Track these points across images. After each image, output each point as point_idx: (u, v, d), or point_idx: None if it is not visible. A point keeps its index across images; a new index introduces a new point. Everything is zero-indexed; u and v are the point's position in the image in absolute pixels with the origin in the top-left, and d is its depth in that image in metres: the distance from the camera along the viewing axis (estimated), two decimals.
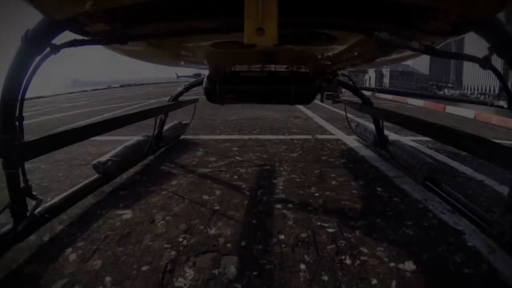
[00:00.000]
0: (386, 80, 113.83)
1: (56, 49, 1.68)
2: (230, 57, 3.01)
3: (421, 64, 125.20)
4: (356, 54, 2.60)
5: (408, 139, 5.22)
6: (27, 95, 1.78)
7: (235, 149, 4.48)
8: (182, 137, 5.14)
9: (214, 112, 8.49)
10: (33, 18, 1.62)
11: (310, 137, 5.40)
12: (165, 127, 4.43)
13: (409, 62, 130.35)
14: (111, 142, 4.48)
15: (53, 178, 3.25)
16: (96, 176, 2.86)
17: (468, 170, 3.59)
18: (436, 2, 1.36)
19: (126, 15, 1.61)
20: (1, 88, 1.70)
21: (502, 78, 1.68)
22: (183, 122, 5.23)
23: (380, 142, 4.08)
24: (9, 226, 1.83)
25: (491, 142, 1.69)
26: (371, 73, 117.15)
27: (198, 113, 6.66)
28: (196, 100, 5.09)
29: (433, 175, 2.86)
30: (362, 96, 3.96)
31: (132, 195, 2.74)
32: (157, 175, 3.32)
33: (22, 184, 1.85)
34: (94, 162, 2.95)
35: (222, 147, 4.66)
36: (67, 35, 1.71)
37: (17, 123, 1.74)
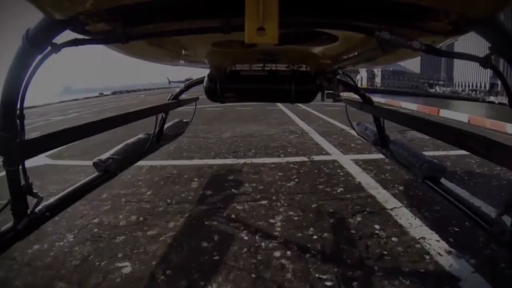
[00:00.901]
0: (377, 80, 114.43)
1: (57, 48, 1.68)
2: (230, 56, 3.03)
3: (412, 62, 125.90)
4: (357, 53, 2.60)
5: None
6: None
7: (231, 178, 4.47)
8: (177, 162, 5.12)
9: (208, 128, 8.52)
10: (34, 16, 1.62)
11: (306, 159, 5.40)
12: (166, 125, 4.40)
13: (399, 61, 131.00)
14: None
15: None
16: (96, 174, 2.85)
17: None
18: (437, 2, 1.37)
19: (127, 14, 1.60)
20: (2, 87, 1.71)
21: (502, 76, 1.70)
22: (184, 120, 5.17)
23: (381, 141, 4.10)
24: (9, 224, 1.84)
25: (494, 142, 1.66)
26: (363, 73, 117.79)
27: (192, 129, 6.68)
28: (196, 99, 5.06)
29: (433, 174, 2.89)
30: (363, 95, 4.00)
31: None
32: (155, 216, 3.31)
33: (22, 182, 1.85)
34: (94, 160, 2.92)
35: (217, 176, 4.64)
36: (68, 34, 1.71)
37: (18, 121, 1.76)
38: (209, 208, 3.49)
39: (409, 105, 16.24)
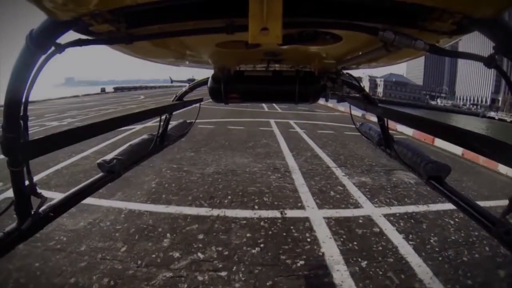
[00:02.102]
0: (380, 90, 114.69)
1: (60, 48, 1.70)
2: (234, 57, 3.04)
3: (414, 75, 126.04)
4: (361, 53, 2.60)
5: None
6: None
7: (200, 237, 4.55)
8: (154, 208, 5.25)
9: (194, 157, 8.60)
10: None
11: (278, 214, 5.41)
12: (170, 126, 4.45)
13: (402, 73, 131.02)
14: None
15: None
16: (100, 174, 2.88)
17: None
18: (441, 2, 1.39)
19: (131, 15, 1.63)
20: (6, 88, 1.72)
21: (507, 77, 1.69)
22: (188, 121, 5.19)
23: (385, 141, 4.17)
24: (13, 224, 1.87)
25: (497, 141, 1.69)
26: (366, 82, 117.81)
27: (178, 157, 6.94)
28: (200, 100, 5.03)
29: (437, 174, 2.95)
30: (367, 96, 4.06)
31: None
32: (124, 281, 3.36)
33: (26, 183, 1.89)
34: (99, 160, 2.96)
35: (188, 233, 4.71)
36: (71, 34, 1.74)
37: (21, 122, 1.78)
38: (173, 276, 3.58)
39: (404, 129, 16.14)
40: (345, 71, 3.79)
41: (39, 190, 1.93)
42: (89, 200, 4.25)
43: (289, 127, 14.13)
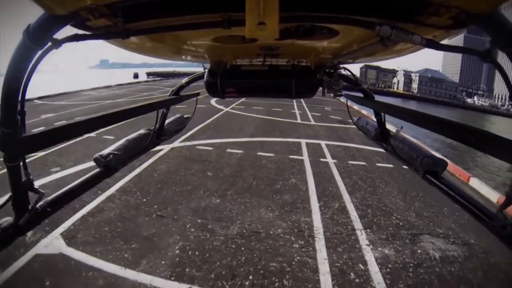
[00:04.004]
0: (414, 85, 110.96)
1: (57, 43, 1.72)
2: (231, 51, 3.08)
3: (451, 71, 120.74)
4: (357, 47, 2.62)
5: None
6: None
7: None
8: None
9: (220, 205, 8.39)
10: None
11: None
12: (167, 121, 4.50)
13: (438, 68, 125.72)
14: None
15: None
16: (97, 169, 2.93)
17: None
18: None
19: (128, 9, 1.63)
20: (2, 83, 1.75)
21: (503, 72, 1.70)
22: (185, 116, 5.19)
23: (381, 136, 4.20)
24: (10, 220, 1.91)
25: (494, 136, 1.71)
26: (400, 76, 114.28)
27: (202, 206, 7.46)
28: (197, 94, 5.10)
29: (434, 169, 2.94)
30: (363, 90, 4.08)
31: None
32: None
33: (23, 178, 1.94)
34: (95, 155, 2.98)
35: None
36: (68, 29, 1.75)
37: (18, 117, 1.81)
38: None
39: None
40: (342, 65, 3.84)
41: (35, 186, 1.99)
42: (113, 268, 4.97)
43: (320, 154, 13.67)
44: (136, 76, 65.38)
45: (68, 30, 1.73)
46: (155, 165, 11.05)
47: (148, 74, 70.79)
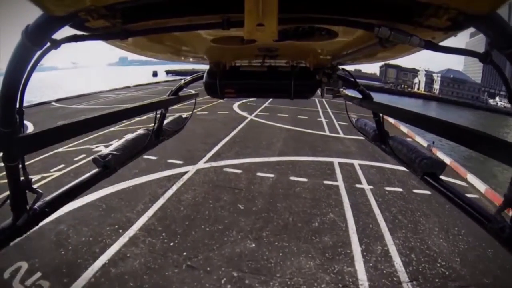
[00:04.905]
0: (436, 86, 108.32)
1: (56, 44, 1.71)
2: (230, 52, 3.07)
3: (473, 69, 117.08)
4: (356, 49, 2.60)
5: None
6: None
7: None
8: None
9: (256, 251, 7.42)
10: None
11: None
12: (166, 121, 4.46)
13: (460, 68, 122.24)
14: None
15: None
16: (96, 170, 2.88)
17: None
18: None
19: (126, 11, 1.62)
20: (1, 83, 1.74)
21: (502, 73, 1.73)
22: (184, 116, 5.12)
23: (380, 137, 4.19)
24: (8, 220, 1.89)
25: (495, 138, 1.71)
26: (421, 76, 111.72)
27: (237, 253, 7.03)
28: (196, 95, 5.13)
29: (432, 170, 2.92)
30: (362, 91, 4.08)
31: None
32: None
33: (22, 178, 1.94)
34: (94, 156, 2.96)
35: None
36: (66, 29, 1.73)
37: (17, 117, 1.81)
38: None
39: (475, 181, 13.73)
40: (340, 66, 3.83)
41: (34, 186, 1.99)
42: None
43: (355, 178, 12.62)
44: (155, 74, 64.76)
45: (69, 30, 1.74)
46: (180, 194, 10.17)
47: (168, 72, 69.85)
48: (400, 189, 12.08)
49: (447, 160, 15.87)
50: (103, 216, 8.73)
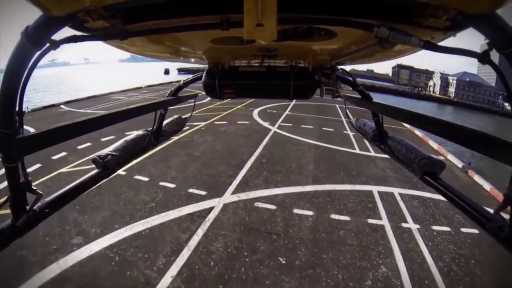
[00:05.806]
0: (451, 89, 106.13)
1: (55, 44, 1.68)
2: (229, 52, 3.06)
3: (488, 71, 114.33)
4: (355, 49, 2.58)
5: None
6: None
7: None
8: None
9: None
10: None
11: None
12: (165, 122, 4.43)
13: (474, 70, 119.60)
14: None
15: None
16: (95, 170, 2.87)
17: None
18: None
19: (126, 11, 1.59)
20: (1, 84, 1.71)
21: (501, 73, 1.70)
22: (183, 117, 5.09)
23: (379, 137, 4.22)
24: (8, 221, 1.88)
25: (495, 138, 1.68)
26: (436, 79, 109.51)
27: None
28: (195, 95, 5.08)
29: (432, 170, 2.93)
30: (361, 91, 4.04)
31: None
32: None
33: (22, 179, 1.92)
34: (93, 156, 2.93)
35: None
36: (66, 30, 1.68)
37: (16, 118, 1.79)
38: None
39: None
40: (339, 67, 3.84)
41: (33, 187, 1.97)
42: None
43: (399, 215, 11.39)
44: (167, 72, 63.49)
45: (69, 31, 1.70)
46: (208, 243, 8.80)
47: (179, 70, 68.25)
48: (448, 228, 10.94)
49: (487, 187, 14.66)
50: (116, 273, 7.48)
